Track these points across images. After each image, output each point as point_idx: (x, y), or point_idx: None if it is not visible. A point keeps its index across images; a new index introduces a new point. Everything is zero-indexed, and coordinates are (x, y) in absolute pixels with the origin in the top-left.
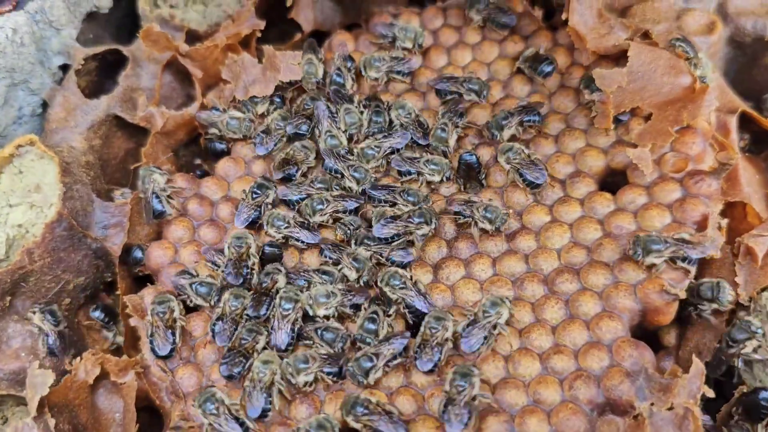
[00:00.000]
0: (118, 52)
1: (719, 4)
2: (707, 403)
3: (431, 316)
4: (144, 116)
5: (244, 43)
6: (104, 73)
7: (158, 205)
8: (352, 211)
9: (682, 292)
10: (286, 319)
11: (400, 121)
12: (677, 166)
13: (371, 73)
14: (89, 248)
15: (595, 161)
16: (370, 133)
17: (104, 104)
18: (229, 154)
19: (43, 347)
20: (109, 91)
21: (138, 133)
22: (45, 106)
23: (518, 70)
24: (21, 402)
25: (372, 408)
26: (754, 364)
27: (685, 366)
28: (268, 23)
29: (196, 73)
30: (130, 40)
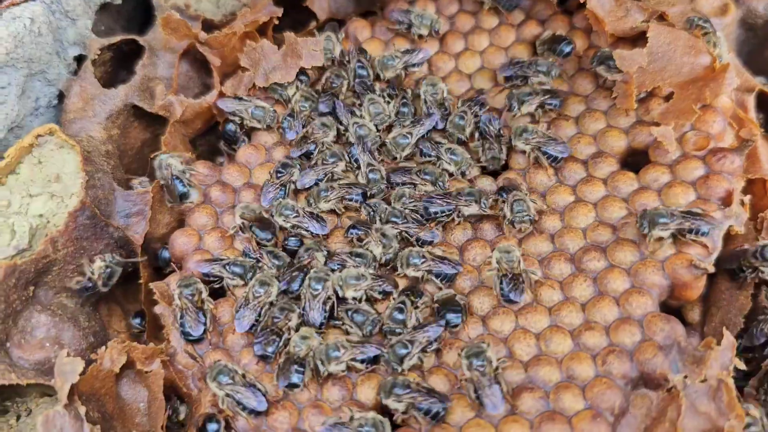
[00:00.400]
0: (134, 42)
1: None
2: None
3: (469, 354)
4: (163, 105)
5: (261, 31)
6: (118, 64)
7: (181, 187)
8: (359, 200)
9: (711, 266)
10: (316, 299)
11: (426, 98)
12: (699, 144)
13: (388, 74)
14: (111, 237)
15: (616, 141)
16: (396, 123)
17: (122, 94)
18: (239, 137)
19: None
20: (123, 81)
21: (154, 122)
22: (60, 97)
23: (537, 54)
24: (45, 393)
25: (413, 386)
26: None
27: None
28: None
29: (215, 61)
30: (140, 32)
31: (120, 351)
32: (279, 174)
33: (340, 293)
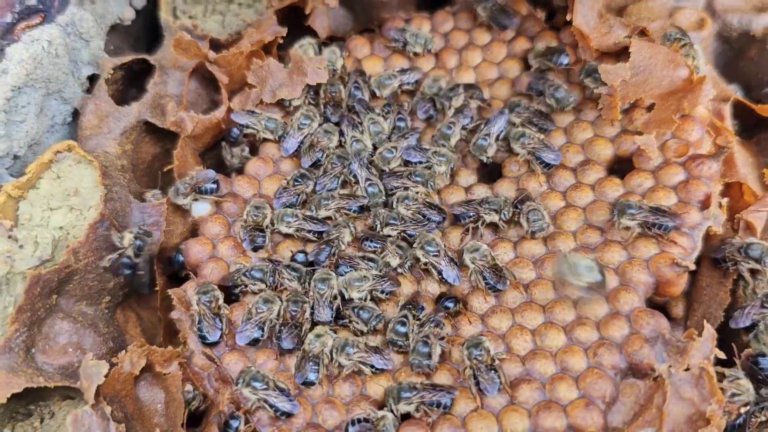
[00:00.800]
0: (144, 61)
1: (707, 1)
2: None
3: (469, 346)
4: (174, 121)
5: (265, 49)
6: (129, 82)
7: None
8: (356, 210)
9: (692, 264)
10: (323, 298)
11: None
12: (679, 151)
13: (385, 92)
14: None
15: (602, 150)
16: (380, 140)
17: (135, 111)
18: (241, 141)
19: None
20: (134, 98)
21: (164, 138)
22: (74, 115)
23: (529, 67)
24: (68, 396)
25: (419, 386)
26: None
27: None
28: None
29: (223, 78)
30: (147, 51)
31: (140, 354)
32: (296, 183)
33: (346, 295)
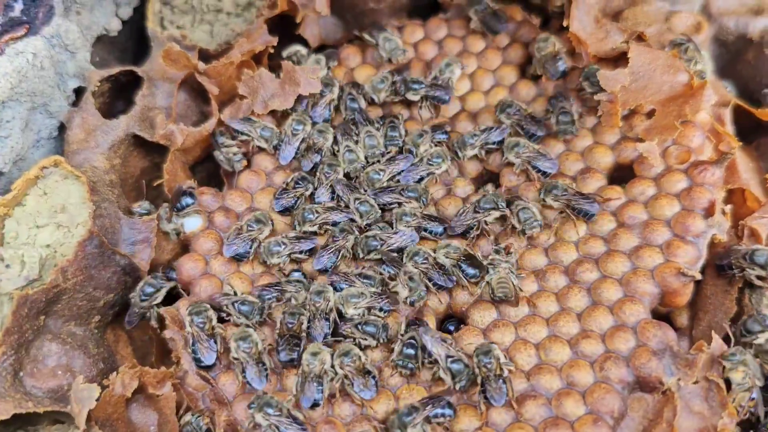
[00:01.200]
0: (132, 73)
1: (703, 5)
2: None
3: (479, 353)
4: (164, 134)
5: (256, 59)
6: (115, 95)
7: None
8: (338, 223)
9: (698, 273)
10: (319, 311)
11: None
12: (681, 158)
13: (381, 96)
14: (118, 265)
15: (603, 157)
16: (373, 154)
17: (123, 124)
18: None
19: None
20: (121, 111)
21: (153, 151)
22: (60, 129)
23: (524, 74)
24: (57, 420)
25: (419, 405)
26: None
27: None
28: None
29: (213, 90)
30: (134, 62)
31: (132, 376)
32: (297, 185)
33: (342, 311)
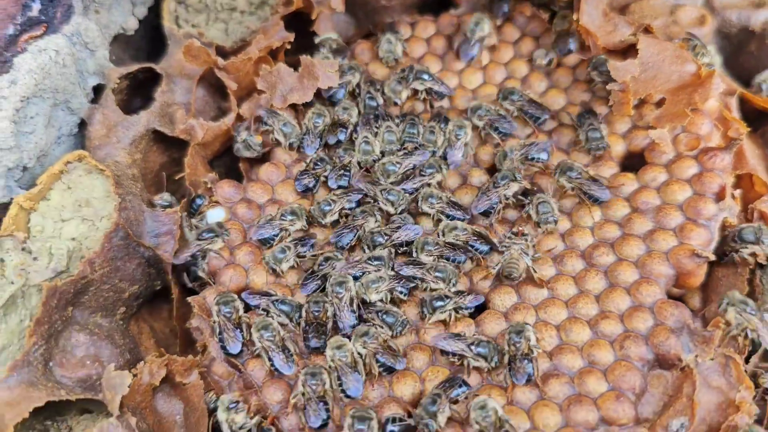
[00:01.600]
0: (150, 70)
1: None
2: None
3: (512, 331)
4: (184, 128)
5: (272, 55)
6: (133, 91)
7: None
8: (356, 204)
9: (711, 254)
10: (342, 301)
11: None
12: (690, 144)
13: (403, 96)
14: (142, 257)
15: (615, 145)
16: (391, 150)
17: (143, 120)
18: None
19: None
20: (138, 108)
21: (171, 146)
22: (80, 125)
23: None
24: (85, 410)
25: (441, 392)
26: None
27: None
28: None
29: (232, 85)
30: (147, 61)
31: (159, 364)
32: (316, 166)
33: (366, 298)
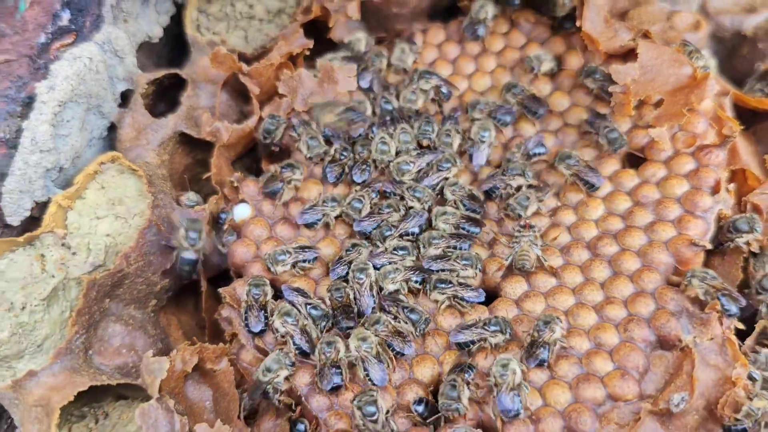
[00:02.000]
0: (175, 76)
1: (700, 5)
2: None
3: (542, 320)
4: (210, 131)
5: (292, 61)
6: (158, 97)
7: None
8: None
9: (708, 243)
10: (363, 287)
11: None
12: (687, 142)
13: (419, 103)
14: (173, 251)
15: None
16: (406, 150)
17: (171, 122)
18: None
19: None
20: (163, 113)
21: (195, 148)
22: (109, 129)
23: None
24: (121, 396)
25: (457, 377)
26: None
27: None
28: None
29: (255, 90)
30: (170, 67)
31: (192, 352)
32: (342, 156)
33: (383, 287)
